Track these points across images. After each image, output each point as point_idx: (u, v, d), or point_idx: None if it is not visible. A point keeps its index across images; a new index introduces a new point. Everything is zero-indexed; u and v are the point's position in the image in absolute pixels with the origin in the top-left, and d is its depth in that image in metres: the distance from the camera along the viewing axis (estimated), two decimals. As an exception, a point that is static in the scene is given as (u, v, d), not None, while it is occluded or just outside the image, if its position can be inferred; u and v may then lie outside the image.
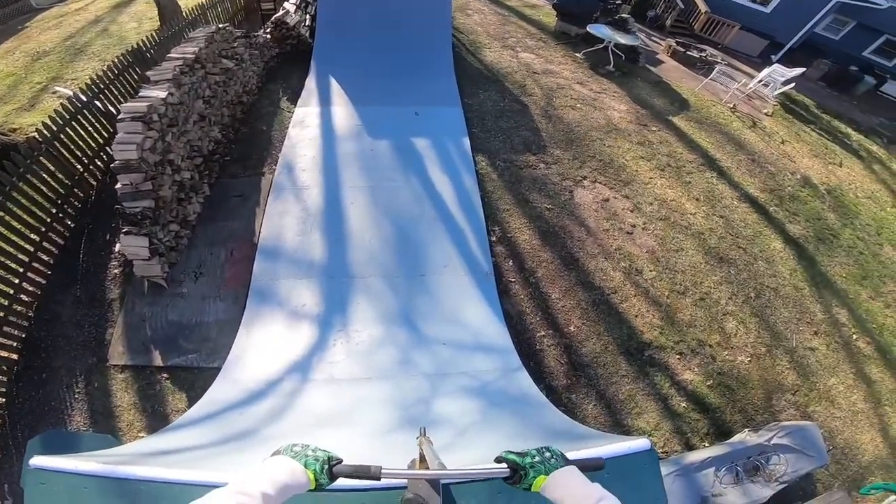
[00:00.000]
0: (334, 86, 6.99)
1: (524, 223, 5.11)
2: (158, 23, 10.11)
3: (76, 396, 3.62)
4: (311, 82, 7.06)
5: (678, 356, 4.27)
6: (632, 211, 5.52)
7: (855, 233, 6.40)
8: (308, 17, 8.42)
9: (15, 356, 3.80)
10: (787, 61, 12.31)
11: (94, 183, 5.15)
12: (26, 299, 4.04)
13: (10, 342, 3.79)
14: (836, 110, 10.84)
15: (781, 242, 5.77)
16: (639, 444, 1.42)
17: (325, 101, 6.64)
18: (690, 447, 3.70)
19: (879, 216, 7.01)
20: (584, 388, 3.92)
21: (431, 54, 7.64)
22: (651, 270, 4.91)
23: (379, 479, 0.94)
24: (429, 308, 4.15)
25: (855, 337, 4.99)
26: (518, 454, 0.99)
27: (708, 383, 4.14)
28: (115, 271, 4.37)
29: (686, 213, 5.71)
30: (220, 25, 6.26)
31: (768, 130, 8.27)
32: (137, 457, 1.92)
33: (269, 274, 4.29)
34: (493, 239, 4.88)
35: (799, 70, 9.53)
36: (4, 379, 3.64)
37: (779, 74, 9.40)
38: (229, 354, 3.70)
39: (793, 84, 9.39)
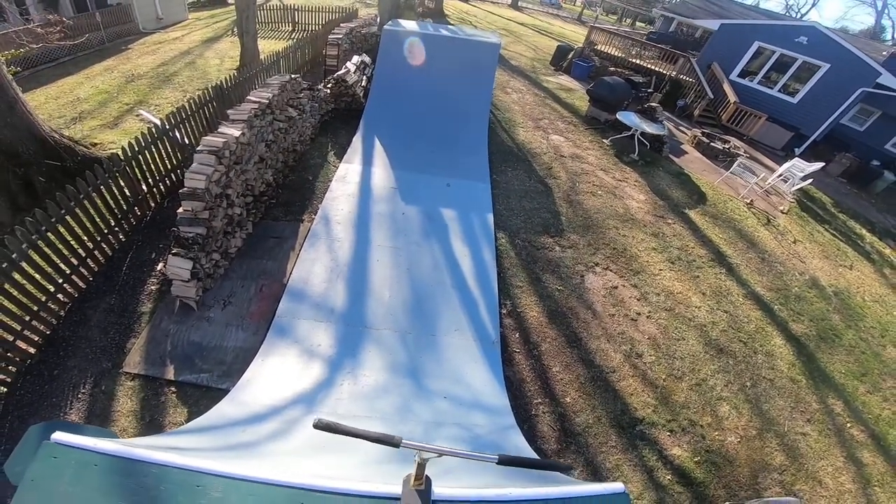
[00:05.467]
0: (378, 147, 7.69)
1: (534, 300, 5.46)
2: (238, 63, 11.26)
3: (79, 396, 3.76)
4: (357, 141, 7.78)
5: (669, 433, 4.42)
6: (638, 299, 5.83)
7: (858, 334, 6.50)
8: (365, 78, 9.34)
9: (32, 350, 3.96)
10: (810, 154, 12.69)
11: (153, 205, 5.67)
12: (63, 299, 4.29)
13: (33, 336, 3.96)
14: (853, 209, 11.01)
15: (783, 339, 5.94)
16: (613, 486, 1.44)
17: (367, 160, 7.30)
18: (670, 518, 3.79)
19: (885, 319, 7.08)
20: (573, 455, 4.08)
21: (469, 129, 8.37)
22: (651, 355, 5.15)
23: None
24: (434, 365, 4.43)
25: (849, 425, 5.07)
26: None
27: (695, 459, 4.26)
28: (152, 288, 4.70)
29: (691, 305, 5.97)
30: (292, 76, 6.87)
31: (782, 229, 8.56)
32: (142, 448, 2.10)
33: (293, 313, 4.65)
34: (504, 311, 5.21)
35: (818, 164, 9.82)
36: (13, 369, 3.78)
37: (798, 169, 9.69)
38: (241, 378, 3.93)
39: (811, 180, 9.66)
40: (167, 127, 5.66)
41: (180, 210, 4.42)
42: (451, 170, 7.34)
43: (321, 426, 1.40)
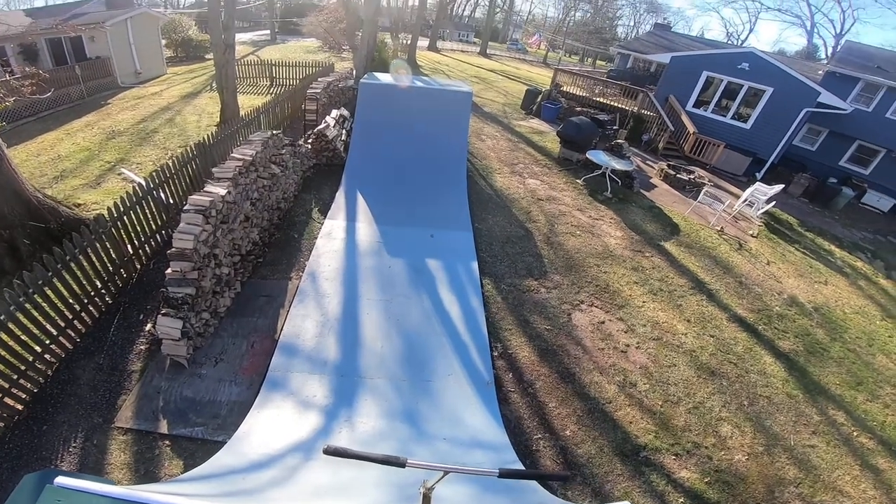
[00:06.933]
0: (360, 202, 7.88)
1: (524, 341, 5.54)
2: (217, 119, 11.43)
3: (70, 450, 3.75)
4: (340, 197, 7.96)
5: (674, 457, 4.43)
6: (626, 332, 5.96)
7: (845, 345, 6.70)
8: (344, 132, 9.61)
9: (20, 406, 3.97)
10: (770, 177, 13.35)
11: (139, 266, 5.63)
12: (50, 359, 4.29)
13: (20, 394, 3.97)
14: (818, 227, 11.55)
15: (772, 357, 6.08)
16: None
17: (351, 216, 7.46)
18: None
19: (869, 329, 7.32)
20: (580, 486, 4.06)
21: (449, 180, 8.67)
22: (644, 384, 5.22)
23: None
24: (431, 409, 4.47)
25: (855, 434, 5.13)
26: None
27: (706, 480, 4.25)
28: (142, 347, 4.68)
29: (678, 333, 6.12)
30: (273, 131, 6.99)
31: (754, 252, 8.94)
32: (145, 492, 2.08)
33: (286, 367, 4.67)
34: (496, 354, 5.28)
35: (779, 187, 10.36)
36: (1, 424, 3.78)
37: (761, 193, 10.20)
38: (238, 430, 3.94)
39: (774, 202, 10.17)
40: (151, 186, 5.71)
41: (169, 271, 4.44)
42: (434, 220, 7.55)
43: (331, 451, 1.46)
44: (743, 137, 14.38)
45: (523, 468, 3.87)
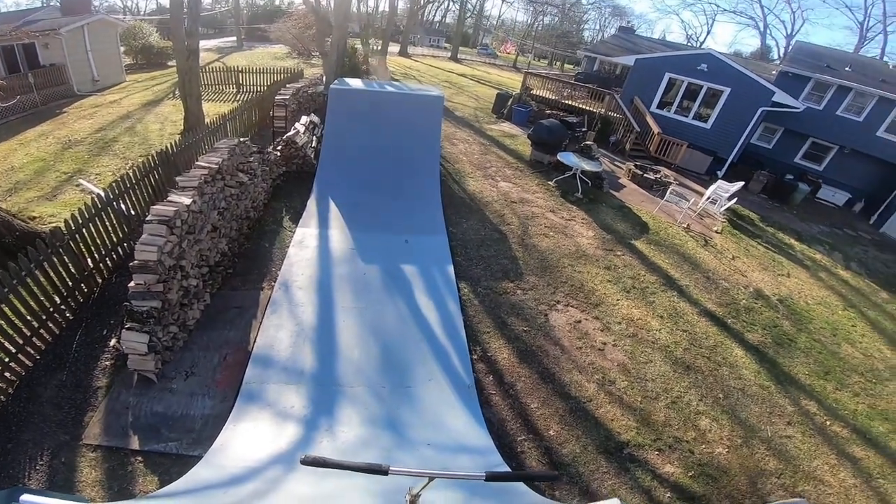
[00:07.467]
0: (333, 209, 7.75)
1: (503, 343, 5.56)
2: (181, 127, 11.05)
3: (37, 468, 3.62)
4: (311, 204, 7.79)
5: (657, 452, 4.50)
6: (602, 330, 6.06)
7: (811, 336, 6.98)
8: (315, 138, 9.44)
9: None
10: (732, 175, 13.85)
11: (101, 280, 5.38)
12: (10, 377, 4.12)
13: None
14: (778, 222, 12.07)
15: (742, 350, 6.28)
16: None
17: (323, 223, 7.32)
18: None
19: (832, 319, 7.67)
20: (567, 486, 4.09)
21: (422, 184, 8.63)
22: (623, 381, 5.31)
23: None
24: (413, 415, 4.42)
25: (829, 423, 5.33)
26: None
27: (689, 474, 4.34)
28: (107, 363, 4.52)
29: (652, 329, 6.27)
30: (241, 139, 6.78)
31: (719, 248, 9.26)
32: None
33: (261, 379, 4.54)
34: (475, 357, 5.27)
35: (739, 184, 10.82)
36: None
37: (723, 190, 10.63)
38: (214, 443, 3.84)
39: (735, 199, 10.59)
40: (111, 197, 5.49)
41: (132, 284, 4.28)
42: (408, 226, 7.50)
43: (308, 461, 1.43)
44: (704, 137, 14.88)
45: (510, 470, 3.86)
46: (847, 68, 15.76)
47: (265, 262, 6.33)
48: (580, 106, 16.59)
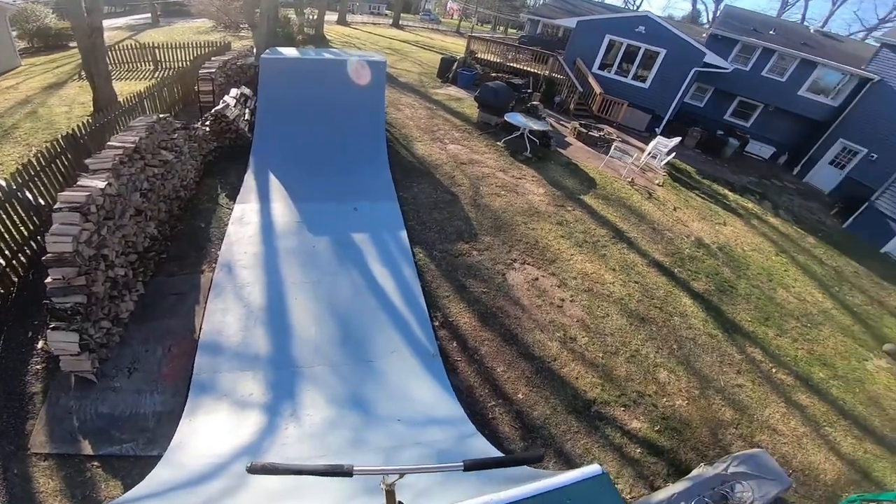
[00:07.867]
0: (274, 182, 7.28)
1: (464, 307, 5.50)
2: (90, 108, 9.96)
3: None
4: (249, 178, 7.29)
5: (623, 408, 4.67)
6: (559, 286, 6.14)
7: (749, 282, 7.43)
8: (248, 111, 8.78)
9: None
10: (669, 132, 14.45)
11: (16, 279, 4.86)
12: None
13: None
14: (712, 174, 12.72)
15: (690, 298, 6.59)
16: (590, 469, 1.46)
17: (264, 197, 6.87)
18: (655, 488, 3.95)
19: (766, 265, 8.21)
20: (542, 448, 4.14)
21: (368, 151, 8.27)
22: (583, 337, 5.42)
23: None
24: (379, 390, 4.31)
25: (774, 371, 5.71)
26: None
27: (656, 428, 4.53)
28: (37, 367, 4.18)
29: (606, 283, 6.43)
30: (161, 116, 6.25)
31: (662, 200, 9.62)
32: None
33: (212, 368, 4.30)
34: (437, 324, 5.19)
35: (676, 140, 11.29)
36: None
37: (662, 146, 11.06)
38: (172, 441, 3.65)
39: (674, 154, 11.03)
40: (14, 188, 4.89)
41: (49, 280, 3.88)
42: (356, 193, 7.19)
43: (256, 470, 1.20)
44: (643, 96, 15.39)
45: (491, 451, 3.76)
46: (772, 32, 16.59)
47: (202, 243, 5.88)
48: (525, 68, 16.55)
